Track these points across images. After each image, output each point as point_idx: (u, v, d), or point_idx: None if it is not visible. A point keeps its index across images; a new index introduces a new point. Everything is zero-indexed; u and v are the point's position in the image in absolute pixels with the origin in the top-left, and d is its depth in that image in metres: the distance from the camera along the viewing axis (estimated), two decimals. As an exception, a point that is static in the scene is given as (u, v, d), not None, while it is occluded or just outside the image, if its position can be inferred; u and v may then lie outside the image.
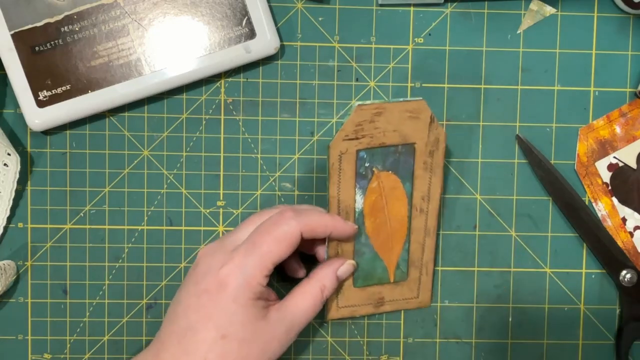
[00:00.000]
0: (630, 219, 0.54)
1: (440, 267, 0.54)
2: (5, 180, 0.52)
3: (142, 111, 0.53)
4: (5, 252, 0.53)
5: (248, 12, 0.50)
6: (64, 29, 0.50)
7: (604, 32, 0.54)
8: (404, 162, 0.49)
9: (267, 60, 0.53)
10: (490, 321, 0.55)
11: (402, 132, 0.48)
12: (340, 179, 0.48)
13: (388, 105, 0.47)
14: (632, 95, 0.54)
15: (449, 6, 0.53)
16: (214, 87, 0.53)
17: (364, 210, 0.50)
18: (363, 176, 0.49)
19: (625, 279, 0.53)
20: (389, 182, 0.50)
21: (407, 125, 0.48)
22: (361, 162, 0.48)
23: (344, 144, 0.47)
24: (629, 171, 0.54)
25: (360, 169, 0.48)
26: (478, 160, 0.54)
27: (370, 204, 0.50)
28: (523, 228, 0.54)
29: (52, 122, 0.51)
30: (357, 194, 0.49)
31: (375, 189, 0.49)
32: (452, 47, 0.54)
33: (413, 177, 0.50)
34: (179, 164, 0.53)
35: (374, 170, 0.49)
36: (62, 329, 0.53)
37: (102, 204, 0.53)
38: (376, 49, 0.53)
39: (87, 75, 0.50)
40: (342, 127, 0.47)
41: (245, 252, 0.44)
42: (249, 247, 0.44)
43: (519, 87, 0.54)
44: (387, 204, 0.50)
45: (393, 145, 0.48)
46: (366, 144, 0.48)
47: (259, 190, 0.53)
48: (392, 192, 0.50)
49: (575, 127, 0.54)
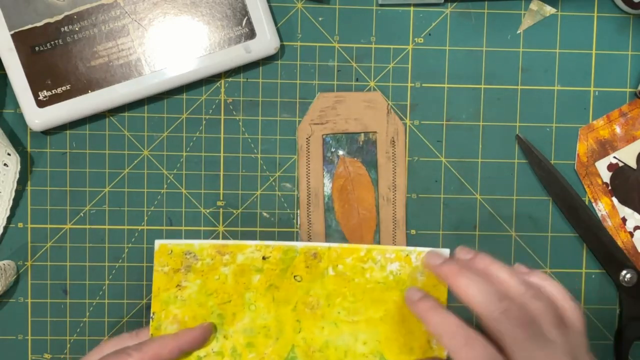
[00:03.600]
0: (630, 219, 0.54)
1: (440, 267, 0.54)
2: (5, 180, 0.52)
3: (142, 111, 0.53)
4: (5, 252, 0.53)
5: (248, 12, 0.50)
6: (64, 29, 0.50)
7: (604, 32, 0.54)
8: (367, 150, 0.52)
9: (267, 60, 0.53)
10: (490, 321, 0.54)
11: (363, 120, 0.52)
12: (309, 161, 0.51)
13: (347, 95, 0.51)
14: (632, 95, 0.54)
15: (449, 6, 0.53)
16: (214, 87, 0.53)
17: (333, 195, 0.51)
18: (330, 161, 0.51)
19: (625, 279, 0.53)
20: (354, 168, 0.52)
21: (366, 115, 0.52)
22: (327, 147, 0.51)
23: (310, 128, 0.51)
24: (629, 171, 0.54)
25: (327, 154, 0.51)
26: (478, 160, 0.54)
27: (338, 188, 0.51)
28: (523, 228, 0.54)
29: (52, 122, 0.51)
30: (325, 178, 0.51)
31: (342, 173, 0.51)
32: (452, 47, 0.54)
33: (377, 166, 0.52)
34: (179, 164, 0.53)
35: (339, 155, 0.51)
36: (62, 329, 0.53)
37: (102, 204, 0.53)
38: (376, 49, 0.53)
39: (87, 75, 0.50)
40: (307, 112, 0.52)
41: None
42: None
43: (519, 87, 0.54)
44: (354, 189, 0.52)
45: (356, 133, 0.51)
46: (330, 129, 0.51)
47: (259, 190, 0.53)
48: (358, 177, 0.52)
49: (575, 127, 0.54)
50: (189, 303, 0.49)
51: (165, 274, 0.49)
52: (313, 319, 0.50)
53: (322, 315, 0.50)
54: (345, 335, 0.50)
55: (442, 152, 0.54)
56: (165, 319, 0.49)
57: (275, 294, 0.50)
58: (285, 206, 0.54)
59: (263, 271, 0.49)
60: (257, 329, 0.49)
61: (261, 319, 0.50)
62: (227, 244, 0.49)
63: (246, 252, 0.49)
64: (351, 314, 0.50)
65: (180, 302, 0.49)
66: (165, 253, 0.49)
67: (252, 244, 0.49)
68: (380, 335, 0.50)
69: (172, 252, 0.49)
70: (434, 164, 0.54)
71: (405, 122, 0.53)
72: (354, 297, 0.50)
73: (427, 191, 0.54)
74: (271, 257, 0.49)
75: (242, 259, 0.49)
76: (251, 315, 0.49)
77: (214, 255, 0.49)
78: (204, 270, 0.49)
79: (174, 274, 0.49)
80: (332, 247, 0.49)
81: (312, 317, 0.50)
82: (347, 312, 0.50)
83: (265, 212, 0.54)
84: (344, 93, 0.53)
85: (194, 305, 0.49)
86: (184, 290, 0.49)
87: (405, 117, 0.54)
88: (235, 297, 0.49)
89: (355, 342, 0.50)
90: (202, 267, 0.49)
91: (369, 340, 0.50)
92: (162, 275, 0.49)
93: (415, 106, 0.54)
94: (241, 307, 0.49)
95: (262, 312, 0.50)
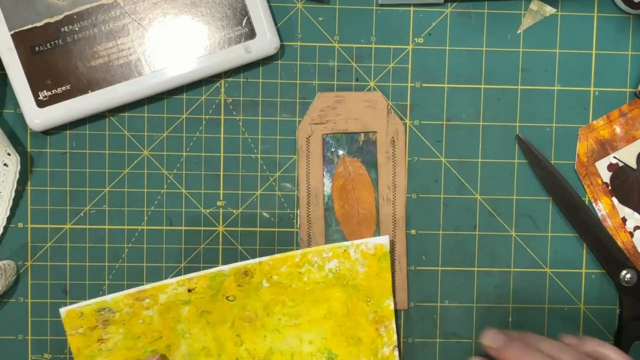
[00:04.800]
0: (630, 219, 0.54)
1: (440, 267, 0.54)
2: (5, 180, 0.52)
3: (142, 111, 0.53)
4: (5, 252, 0.53)
5: (248, 12, 0.50)
6: (64, 29, 0.50)
7: (604, 32, 0.54)
8: (367, 149, 0.52)
9: (267, 60, 0.53)
10: (490, 321, 0.55)
11: (363, 120, 0.52)
12: (309, 161, 0.51)
13: (347, 94, 0.51)
14: (632, 95, 0.54)
15: (449, 6, 0.53)
16: (214, 87, 0.53)
17: (333, 194, 0.51)
18: (330, 160, 0.51)
19: (625, 279, 0.53)
20: (354, 167, 0.52)
21: (366, 114, 0.52)
22: (327, 146, 0.51)
23: (310, 128, 0.51)
24: (629, 171, 0.54)
25: (327, 153, 0.51)
26: (478, 160, 0.54)
27: (338, 188, 0.51)
28: (523, 228, 0.54)
29: (52, 122, 0.51)
30: (325, 177, 0.51)
31: (342, 173, 0.51)
32: (452, 47, 0.54)
33: (377, 165, 0.52)
34: (179, 164, 0.53)
35: (339, 155, 0.51)
36: (62, 329, 0.53)
37: (102, 204, 0.53)
38: (376, 49, 0.53)
39: (87, 75, 0.50)
40: (307, 112, 0.52)
41: None
42: None
43: (519, 87, 0.54)
44: (354, 189, 0.52)
45: (356, 133, 0.51)
46: (330, 129, 0.51)
47: (259, 190, 0.54)
48: (358, 177, 0.52)
49: (575, 127, 0.54)
50: (117, 350, 0.49)
51: (81, 335, 0.48)
52: (253, 330, 0.50)
53: (263, 325, 0.50)
54: (289, 338, 0.50)
55: (442, 152, 0.54)
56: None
57: (209, 317, 0.49)
58: (285, 206, 0.54)
59: (191, 302, 0.49)
60: (196, 352, 0.49)
61: (199, 342, 0.49)
62: (144, 290, 0.49)
63: (168, 290, 0.49)
64: (293, 318, 0.50)
65: (106, 352, 0.49)
66: (74, 317, 0.48)
67: (173, 281, 0.49)
68: (326, 332, 0.50)
69: (83, 314, 0.48)
70: (434, 164, 0.54)
71: (405, 122, 0.53)
72: (293, 301, 0.50)
73: (427, 191, 0.54)
74: (197, 287, 0.49)
75: (165, 298, 0.49)
76: (187, 342, 0.49)
77: (132, 303, 0.48)
78: (124, 320, 0.48)
79: (91, 332, 0.48)
80: (264, 260, 0.49)
81: (251, 329, 0.50)
82: (289, 317, 0.50)
83: (265, 212, 0.54)
84: (344, 93, 0.53)
85: (122, 351, 0.49)
86: (108, 341, 0.48)
87: (405, 117, 0.54)
88: (166, 331, 0.49)
89: (301, 343, 0.50)
90: (121, 317, 0.48)
91: (314, 338, 0.50)
92: (79, 337, 0.48)
93: (415, 106, 0.54)
94: (175, 339, 0.49)
95: (199, 336, 0.49)
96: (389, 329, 0.51)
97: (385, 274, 0.51)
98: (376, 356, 0.51)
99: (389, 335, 0.51)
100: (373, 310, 0.51)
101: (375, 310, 0.51)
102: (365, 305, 0.51)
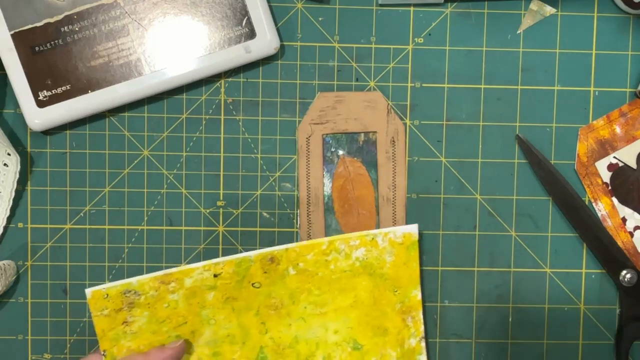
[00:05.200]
0: (630, 219, 0.54)
1: (440, 267, 0.54)
2: (5, 180, 0.52)
3: (142, 111, 0.53)
4: (5, 252, 0.53)
5: (248, 12, 0.50)
6: (64, 29, 0.50)
7: (604, 32, 0.54)
8: (367, 149, 0.52)
9: (267, 60, 0.53)
10: (490, 321, 0.55)
11: (363, 120, 0.52)
12: (309, 161, 0.51)
13: (347, 94, 0.51)
14: (632, 95, 0.54)
15: (449, 6, 0.53)
16: (214, 87, 0.53)
17: (332, 195, 0.51)
18: (330, 160, 0.51)
19: (625, 279, 0.53)
20: (354, 167, 0.52)
21: (366, 114, 0.52)
22: (327, 146, 0.51)
23: (310, 128, 0.51)
24: (629, 171, 0.54)
25: (327, 153, 0.51)
26: (478, 160, 0.54)
27: (338, 188, 0.51)
28: (523, 228, 0.54)
29: (52, 122, 0.51)
30: (325, 177, 0.51)
31: (342, 173, 0.51)
32: (452, 47, 0.54)
33: (377, 165, 0.52)
34: (179, 164, 0.53)
35: (339, 155, 0.51)
36: (62, 329, 0.53)
37: (102, 204, 0.53)
38: (376, 49, 0.53)
39: (87, 75, 0.50)
40: (307, 112, 0.52)
41: None
42: None
43: (519, 87, 0.54)
44: (354, 189, 0.52)
45: (356, 133, 0.51)
46: (330, 129, 0.51)
47: (259, 190, 0.54)
48: (358, 177, 0.52)
49: (575, 127, 0.54)
50: (141, 334, 0.48)
51: (106, 316, 0.48)
52: (278, 319, 0.49)
53: (288, 314, 0.50)
54: (315, 328, 0.50)
55: (442, 152, 0.54)
56: (119, 353, 0.48)
57: (234, 304, 0.49)
58: (285, 206, 0.54)
59: (217, 287, 0.49)
60: (221, 339, 0.49)
61: (223, 329, 0.49)
62: (170, 273, 0.48)
63: (194, 274, 0.48)
64: (318, 307, 0.50)
65: (131, 335, 0.48)
66: (100, 298, 0.48)
67: (199, 265, 0.48)
68: (352, 322, 0.50)
69: (109, 296, 0.48)
70: (434, 164, 0.54)
71: (405, 122, 0.53)
72: (319, 290, 0.49)
73: (427, 191, 0.54)
74: (223, 272, 0.49)
75: (191, 283, 0.48)
76: (212, 328, 0.49)
77: (157, 286, 0.48)
78: (149, 303, 0.48)
79: (116, 314, 0.48)
80: (290, 247, 0.49)
81: (277, 317, 0.49)
82: (314, 306, 0.50)
83: (265, 212, 0.54)
84: (344, 93, 0.53)
85: (147, 334, 0.48)
86: (132, 324, 0.48)
87: (405, 117, 0.54)
88: (190, 317, 0.49)
89: (326, 333, 0.50)
90: (146, 300, 0.48)
91: (340, 328, 0.50)
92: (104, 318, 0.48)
93: (415, 106, 0.54)
94: (199, 325, 0.49)
95: (223, 323, 0.49)
96: (416, 320, 0.51)
97: (413, 264, 0.50)
98: (402, 347, 0.50)
99: (416, 326, 0.51)
100: (400, 300, 0.51)
101: (402, 301, 0.51)
102: (392, 294, 0.50)
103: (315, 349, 0.50)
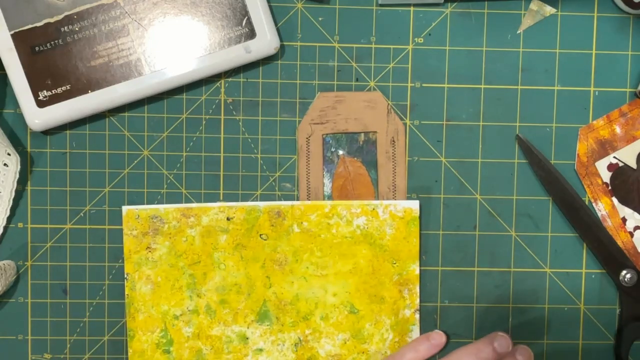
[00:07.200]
0: (630, 219, 0.54)
1: (440, 267, 0.54)
2: (5, 180, 0.52)
3: (142, 111, 0.53)
4: (5, 252, 0.53)
5: (248, 12, 0.50)
6: (64, 29, 0.50)
7: (604, 32, 0.54)
8: (367, 149, 0.52)
9: (267, 60, 0.53)
10: (490, 321, 0.55)
11: (363, 120, 0.52)
12: (309, 161, 0.51)
13: (347, 94, 0.52)
14: (632, 95, 0.54)
15: (449, 6, 0.53)
16: (214, 87, 0.53)
17: (333, 194, 0.52)
18: (330, 160, 0.51)
19: (625, 279, 0.53)
20: (354, 167, 0.52)
21: (366, 114, 0.52)
22: (327, 146, 0.52)
23: (310, 127, 0.51)
24: (629, 171, 0.54)
25: (327, 153, 0.51)
26: (478, 160, 0.54)
27: (338, 188, 0.52)
28: (523, 228, 0.54)
29: (52, 122, 0.51)
30: (325, 177, 0.52)
31: (342, 173, 0.52)
32: (452, 47, 0.54)
33: (377, 165, 0.52)
34: (179, 164, 0.53)
35: (339, 155, 0.52)
36: (62, 329, 0.53)
37: (102, 204, 0.53)
38: (376, 49, 0.53)
39: (87, 75, 0.50)
40: (307, 112, 0.53)
41: None
42: None
43: (519, 87, 0.54)
44: (354, 189, 0.52)
45: (356, 133, 0.52)
46: (330, 129, 0.52)
47: (259, 190, 0.54)
48: (358, 177, 0.52)
49: (575, 127, 0.54)
50: (160, 264, 0.51)
51: (134, 237, 0.51)
52: (282, 275, 0.52)
53: (291, 271, 0.52)
54: (315, 288, 0.52)
55: (442, 152, 0.54)
56: (139, 280, 0.51)
57: (243, 252, 0.52)
58: (285, 206, 0.54)
59: (229, 231, 0.51)
60: (229, 287, 0.52)
61: (232, 277, 0.52)
62: (190, 207, 0.51)
63: (210, 213, 0.51)
64: (320, 268, 0.52)
65: (151, 263, 0.51)
66: (132, 218, 0.51)
67: (216, 205, 0.51)
68: (350, 287, 0.52)
69: (139, 217, 0.51)
70: (434, 164, 0.54)
71: (405, 122, 0.53)
72: (321, 252, 0.52)
73: (427, 191, 0.54)
74: (235, 217, 0.51)
75: (207, 221, 0.51)
76: (221, 274, 0.52)
77: (179, 218, 0.51)
78: (171, 233, 0.51)
79: (142, 237, 0.51)
80: (295, 204, 0.52)
81: (281, 273, 0.52)
82: (316, 267, 0.52)
83: (265, 212, 0.54)
84: (344, 93, 0.53)
85: (165, 266, 0.51)
86: (154, 252, 0.51)
87: (405, 117, 0.54)
88: (204, 257, 0.52)
89: (325, 294, 0.52)
90: (169, 229, 0.51)
91: (339, 291, 0.52)
92: (132, 239, 0.51)
93: (415, 106, 0.54)
94: (211, 267, 0.52)
95: (232, 270, 0.52)
96: (412, 292, 0.53)
97: (413, 239, 0.52)
98: (397, 316, 0.52)
99: (411, 298, 0.53)
100: (398, 272, 0.52)
101: (400, 273, 0.52)
102: (390, 266, 0.52)
103: (314, 308, 0.52)
